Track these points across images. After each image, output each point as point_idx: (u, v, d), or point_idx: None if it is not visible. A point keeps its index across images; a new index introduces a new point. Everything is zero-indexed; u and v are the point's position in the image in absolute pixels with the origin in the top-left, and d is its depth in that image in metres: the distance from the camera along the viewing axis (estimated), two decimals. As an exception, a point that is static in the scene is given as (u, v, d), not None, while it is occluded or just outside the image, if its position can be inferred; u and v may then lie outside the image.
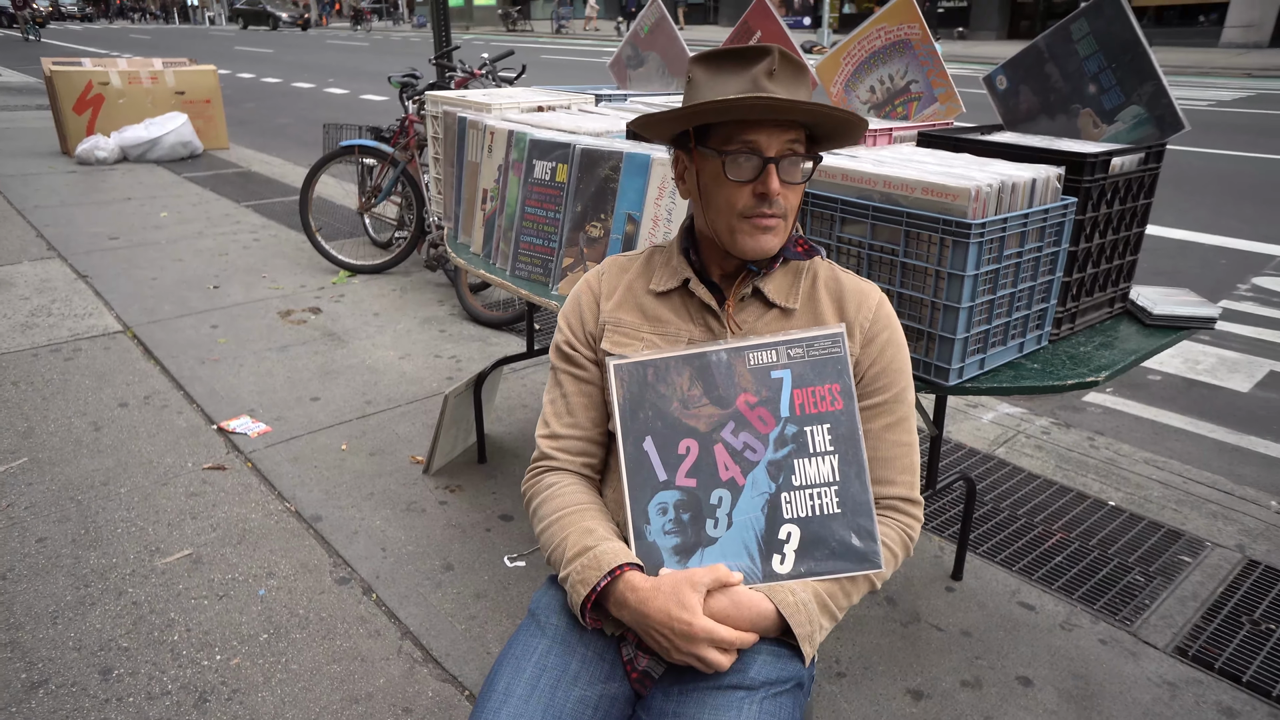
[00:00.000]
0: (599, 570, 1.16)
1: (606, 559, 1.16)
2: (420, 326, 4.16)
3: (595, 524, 1.23)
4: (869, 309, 1.28)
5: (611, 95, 3.18)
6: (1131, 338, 1.97)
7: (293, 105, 13.64)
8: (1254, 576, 2.36)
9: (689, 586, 1.12)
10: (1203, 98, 12.60)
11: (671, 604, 1.11)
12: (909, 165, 1.75)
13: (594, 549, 1.18)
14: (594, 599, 1.17)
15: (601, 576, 1.15)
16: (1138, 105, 2.00)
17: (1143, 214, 2.05)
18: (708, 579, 1.13)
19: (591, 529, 1.22)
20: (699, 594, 1.12)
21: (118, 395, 3.36)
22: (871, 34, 2.38)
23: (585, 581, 1.16)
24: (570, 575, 1.19)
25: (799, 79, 1.19)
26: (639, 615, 1.13)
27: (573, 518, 1.24)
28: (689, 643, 1.10)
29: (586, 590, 1.16)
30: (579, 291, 1.38)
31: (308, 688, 1.95)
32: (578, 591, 1.17)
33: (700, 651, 1.10)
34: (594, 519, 1.24)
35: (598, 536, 1.20)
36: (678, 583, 1.13)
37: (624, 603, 1.15)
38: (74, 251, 5.27)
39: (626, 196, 2.08)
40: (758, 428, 1.18)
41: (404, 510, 2.64)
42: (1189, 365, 3.91)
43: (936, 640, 2.13)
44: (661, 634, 1.12)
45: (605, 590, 1.16)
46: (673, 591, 1.12)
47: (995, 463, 2.98)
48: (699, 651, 1.10)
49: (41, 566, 2.34)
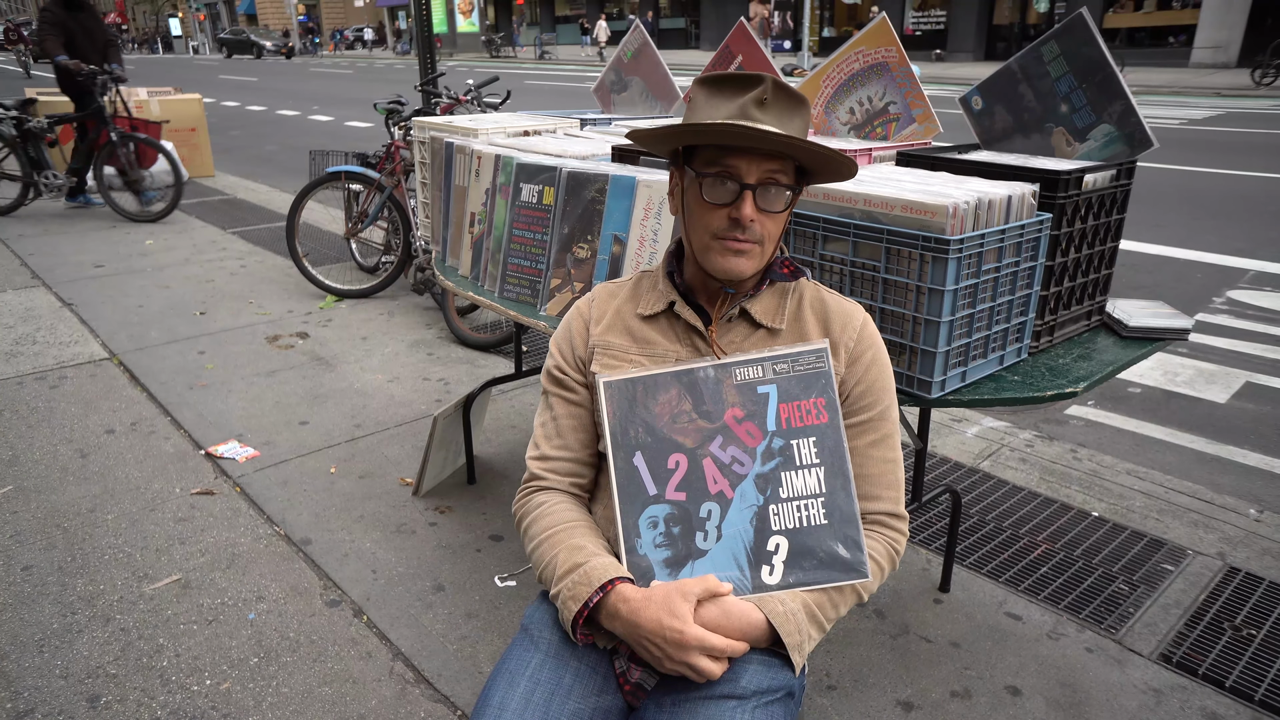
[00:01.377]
0: (589, 586, 1.17)
1: (597, 574, 1.18)
2: (408, 350, 4.17)
3: (585, 540, 1.25)
4: (854, 329, 1.31)
5: (596, 119, 3.22)
6: (1109, 349, 2.01)
7: (277, 132, 13.68)
8: (1235, 583, 2.40)
9: (680, 596, 1.14)
10: (1174, 116, 12.85)
11: (663, 613, 1.12)
12: (889, 184, 1.80)
13: (584, 565, 1.20)
14: (585, 614, 1.18)
15: (592, 592, 1.17)
16: (1108, 124, 2.06)
17: (1116, 229, 2.10)
18: (698, 589, 1.15)
19: (581, 545, 1.23)
20: (690, 603, 1.13)
21: (104, 422, 3.34)
22: (850, 57, 2.44)
23: (576, 598, 1.18)
24: (561, 592, 1.20)
25: (792, 111, 1.21)
26: (631, 626, 1.15)
27: (561, 535, 1.26)
28: (681, 651, 1.12)
29: (578, 606, 1.17)
30: (570, 318, 1.41)
31: (299, 711, 1.95)
32: (569, 608, 1.18)
33: (692, 660, 1.12)
34: (583, 536, 1.26)
35: (588, 553, 1.22)
36: (669, 593, 1.14)
37: (616, 614, 1.16)
38: (58, 280, 5.25)
39: (613, 218, 2.12)
40: (745, 441, 1.21)
41: (394, 532, 2.64)
42: (1168, 378, 3.97)
43: (925, 652, 2.15)
44: (654, 643, 1.13)
45: (597, 604, 1.17)
46: (664, 601, 1.13)
47: (980, 476, 3.01)
48: (691, 660, 1.12)
49: (27, 595, 2.32)
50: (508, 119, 3.09)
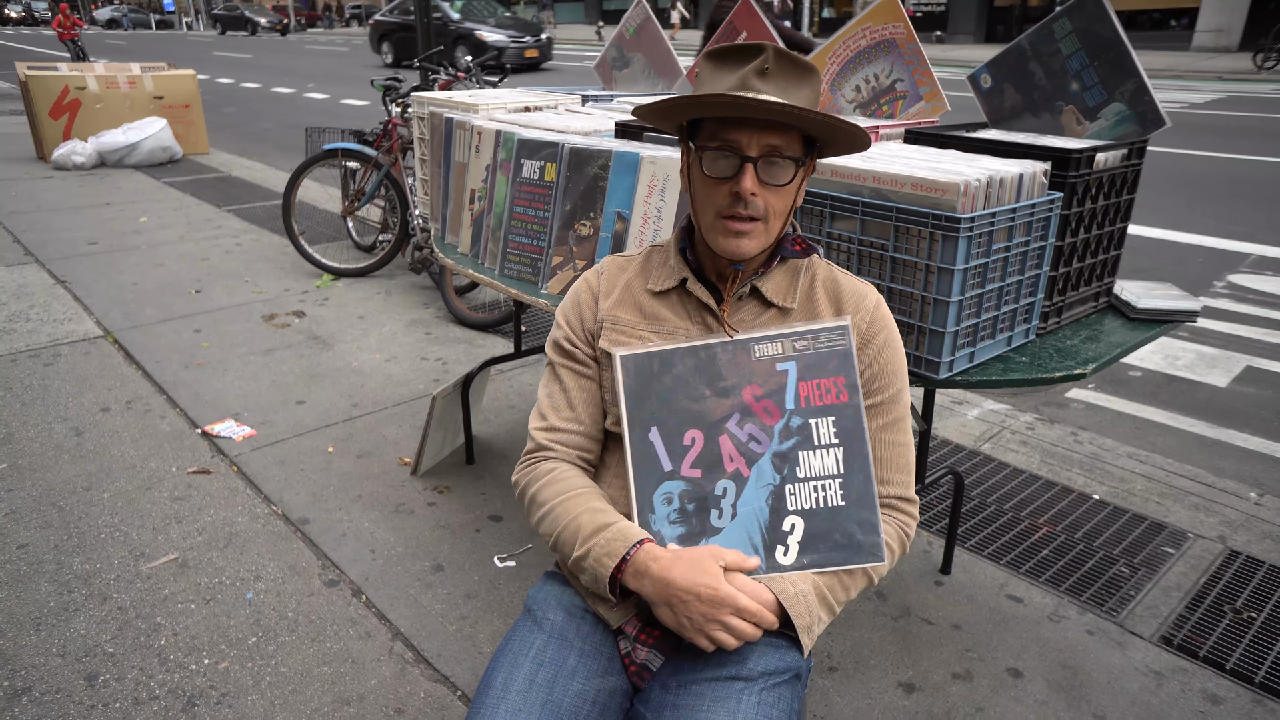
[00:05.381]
0: (625, 542, 1.15)
1: (633, 532, 1.17)
2: (406, 329, 4.14)
3: (604, 505, 1.23)
4: (866, 310, 1.28)
5: (598, 95, 3.18)
6: (1116, 331, 1.99)
7: (273, 110, 13.54)
8: (1235, 566, 2.40)
9: (710, 558, 1.13)
10: (1176, 99, 12.78)
11: (694, 571, 1.11)
12: (897, 161, 1.77)
13: (615, 524, 1.18)
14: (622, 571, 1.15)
15: (629, 546, 1.15)
16: (1120, 102, 2.02)
17: (1126, 209, 2.08)
18: (731, 556, 1.14)
19: (603, 509, 1.22)
20: (719, 565, 1.13)
21: (99, 400, 3.31)
22: (856, 34, 2.40)
23: (612, 554, 1.15)
24: (592, 549, 1.17)
25: (798, 80, 1.18)
26: (662, 584, 1.12)
27: (579, 500, 1.24)
28: (715, 608, 1.10)
29: (615, 561, 1.14)
30: (578, 289, 1.38)
31: (298, 690, 1.94)
32: (604, 564, 1.15)
33: (724, 617, 1.10)
34: (601, 501, 1.24)
35: (613, 514, 1.20)
36: (700, 554, 1.14)
37: (645, 572, 1.14)
38: (52, 257, 5.20)
39: (616, 195, 2.09)
40: (763, 419, 1.18)
41: (392, 512, 2.62)
42: (1169, 361, 3.96)
43: (927, 634, 2.14)
44: (686, 599, 1.11)
45: (623, 563, 1.15)
46: (695, 559, 1.13)
47: (981, 458, 3.00)
48: (723, 617, 1.10)
49: (23, 573, 2.30)
50: (508, 95, 3.05)
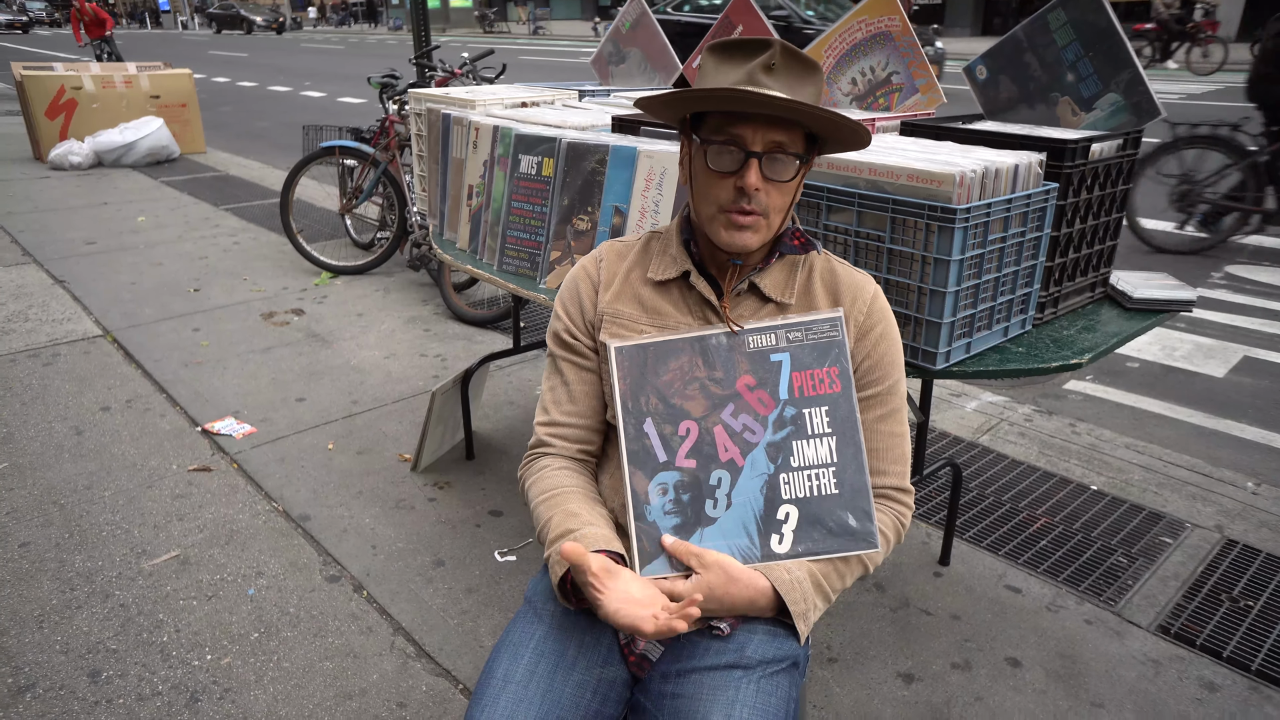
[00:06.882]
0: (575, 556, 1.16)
1: (587, 543, 1.17)
2: (404, 326, 4.14)
3: (579, 507, 1.24)
4: (864, 301, 1.28)
5: (595, 91, 3.18)
6: (1113, 321, 2.00)
7: (269, 109, 13.52)
8: (1232, 555, 2.41)
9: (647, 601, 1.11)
10: (1173, 90, 12.79)
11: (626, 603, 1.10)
12: (894, 153, 1.77)
13: (576, 532, 1.19)
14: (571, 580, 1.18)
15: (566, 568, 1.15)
16: (1115, 93, 2.03)
17: (1122, 199, 2.09)
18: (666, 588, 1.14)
19: (575, 512, 1.22)
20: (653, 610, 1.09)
21: (99, 399, 3.32)
22: (852, 26, 2.40)
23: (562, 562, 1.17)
24: (551, 555, 1.20)
25: (803, 77, 1.18)
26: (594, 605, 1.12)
27: (557, 500, 1.25)
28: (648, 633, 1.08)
29: (563, 571, 1.17)
30: (577, 278, 1.37)
31: (300, 685, 1.94)
32: (555, 572, 1.18)
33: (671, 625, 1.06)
34: (578, 502, 1.25)
35: (581, 520, 1.21)
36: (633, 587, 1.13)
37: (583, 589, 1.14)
38: (50, 257, 5.20)
39: (613, 189, 2.09)
40: (757, 410, 1.19)
41: (393, 508, 2.63)
42: (1166, 352, 3.97)
43: (926, 624, 2.15)
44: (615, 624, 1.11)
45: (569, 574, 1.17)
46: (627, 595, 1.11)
47: (979, 450, 3.01)
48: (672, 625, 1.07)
49: (25, 571, 2.31)
50: (505, 91, 3.05)
